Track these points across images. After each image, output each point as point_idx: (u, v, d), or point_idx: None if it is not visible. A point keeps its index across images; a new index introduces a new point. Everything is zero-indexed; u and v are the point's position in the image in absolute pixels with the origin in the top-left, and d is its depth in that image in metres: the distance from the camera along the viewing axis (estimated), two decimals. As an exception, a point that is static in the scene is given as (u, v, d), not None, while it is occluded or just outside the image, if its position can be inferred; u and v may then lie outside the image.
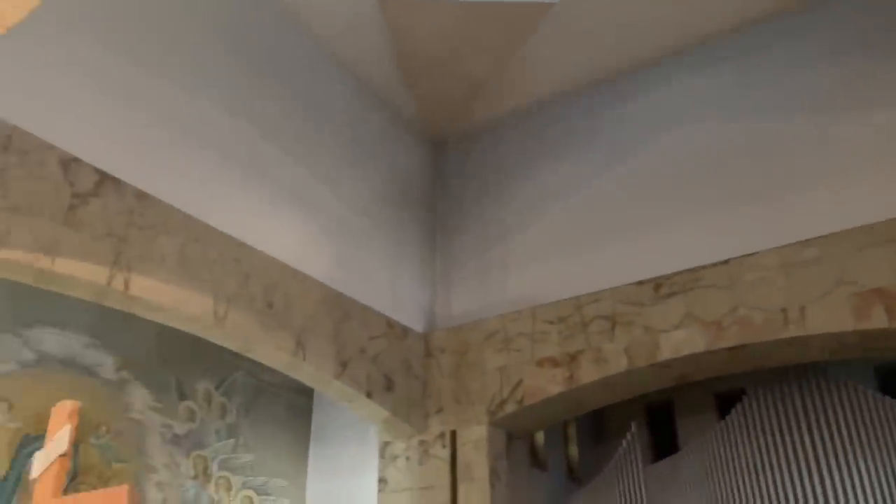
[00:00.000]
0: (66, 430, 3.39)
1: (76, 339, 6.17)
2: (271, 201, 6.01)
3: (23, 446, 5.63)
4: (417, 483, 6.63)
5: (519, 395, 6.43)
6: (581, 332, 6.31)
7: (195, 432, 6.91)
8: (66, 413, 3.51)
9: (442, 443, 6.67)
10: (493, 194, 7.65)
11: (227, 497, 7.01)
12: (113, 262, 4.65)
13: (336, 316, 6.27)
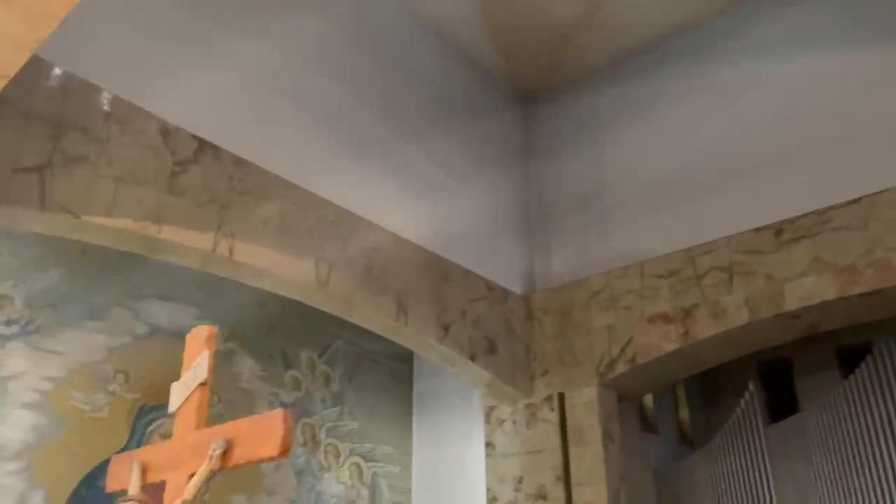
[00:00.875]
0: (205, 356, 3.24)
1: (184, 312, 6.27)
2: (366, 165, 5.90)
3: (140, 417, 5.77)
4: (526, 447, 6.47)
5: (630, 354, 6.14)
6: (695, 285, 5.93)
7: (301, 401, 6.96)
8: (203, 339, 3.35)
9: (549, 406, 6.47)
10: (589, 148, 7.31)
11: (335, 464, 7.05)
12: (217, 228, 4.64)
13: (435, 279, 6.13)
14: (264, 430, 2.76)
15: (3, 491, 4.89)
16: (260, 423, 2.83)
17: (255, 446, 2.75)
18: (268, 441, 2.71)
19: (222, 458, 2.80)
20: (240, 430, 2.86)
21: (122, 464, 3.35)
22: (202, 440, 2.92)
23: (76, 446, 5.33)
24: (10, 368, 5.13)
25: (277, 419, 2.74)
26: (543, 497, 6.20)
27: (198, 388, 3.15)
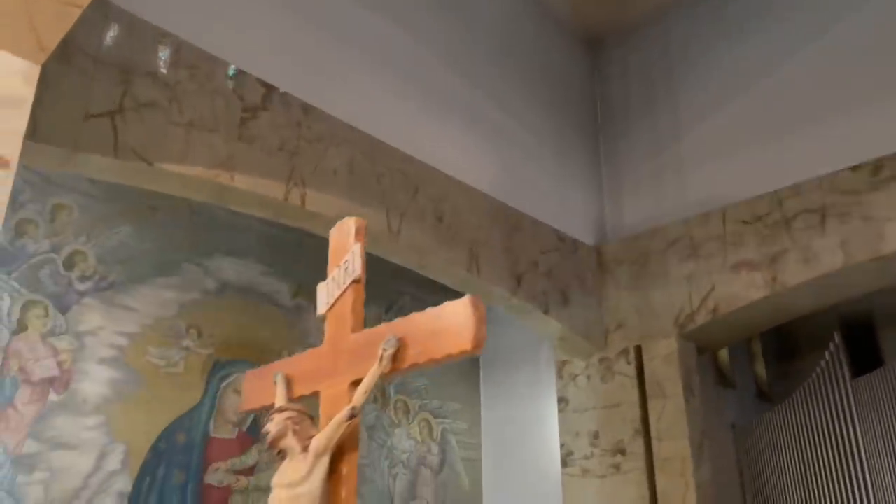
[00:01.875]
0: (357, 250, 2.89)
1: (253, 268, 6.21)
2: (433, 112, 5.68)
3: (214, 372, 5.76)
4: (602, 402, 6.27)
5: (711, 305, 5.86)
6: (783, 229, 5.60)
7: (369, 358, 6.87)
8: (352, 232, 2.99)
9: (626, 359, 6.25)
10: (661, 90, 6.95)
11: (405, 420, 6.98)
12: (287, 176, 4.50)
13: (505, 229, 5.92)
14: (449, 322, 2.45)
15: (85, 445, 4.93)
16: (443, 315, 2.49)
17: (439, 341, 2.45)
18: (456, 334, 2.41)
19: (395, 359, 2.54)
20: (415, 325, 2.55)
21: (257, 380, 3.14)
22: (366, 341, 2.65)
23: (153, 401, 5.34)
24: (86, 324, 5.13)
25: (466, 307, 2.40)
26: (622, 452, 6.02)
27: (351, 287, 2.86)
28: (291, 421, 2.64)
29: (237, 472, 5.65)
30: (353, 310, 2.84)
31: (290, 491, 2.48)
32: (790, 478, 6.85)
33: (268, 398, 2.93)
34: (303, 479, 2.48)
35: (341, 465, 2.57)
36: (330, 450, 2.53)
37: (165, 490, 5.23)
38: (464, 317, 2.42)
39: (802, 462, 6.81)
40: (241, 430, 5.79)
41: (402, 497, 6.70)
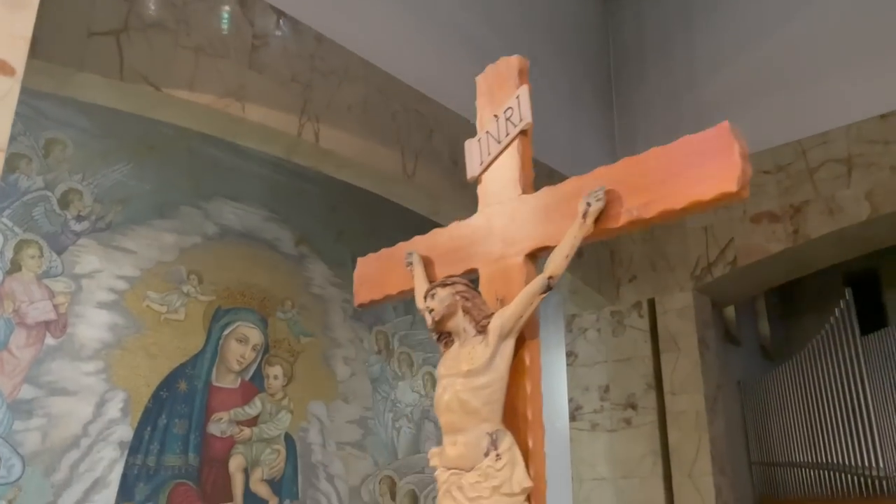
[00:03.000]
0: (523, 93, 2.48)
1: (254, 213, 5.95)
2: (448, 52, 5.41)
3: (216, 319, 5.53)
4: (613, 355, 6.15)
5: (730, 257, 5.71)
6: (807, 179, 5.44)
7: (374, 309, 6.67)
8: (513, 71, 2.57)
9: (639, 312, 6.11)
10: (677, 36, 6.70)
11: (409, 373, 6.82)
12: (301, 110, 4.24)
13: (521, 176, 5.70)
14: (694, 160, 1.87)
15: (84, 391, 4.70)
16: (680, 153, 1.91)
17: (678, 185, 1.90)
18: (710, 174, 1.84)
19: (602, 217, 2.04)
20: (631, 172, 2.02)
21: (376, 263, 2.71)
22: (548, 202, 2.22)
23: (154, 348, 5.12)
24: (83, 266, 4.87)
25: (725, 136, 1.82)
26: (633, 406, 5.92)
27: (518, 138, 2.43)
28: (461, 296, 2.21)
29: (240, 422, 5.47)
30: (523, 166, 2.41)
31: (469, 381, 2.10)
32: (797, 433, 6.81)
33: (393, 284, 2.56)
34: (485, 366, 2.09)
35: (523, 353, 2.19)
36: (517, 331, 2.15)
37: (167, 439, 5.04)
38: (722, 148, 1.84)
39: (809, 418, 6.76)
40: (243, 379, 5.59)
41: (405, 450, 6.57)
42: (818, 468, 6.62)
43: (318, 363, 6.11)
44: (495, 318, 2.15)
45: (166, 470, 4.98)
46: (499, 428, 2.09)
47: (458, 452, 2.09)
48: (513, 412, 2.13)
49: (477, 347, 2.14)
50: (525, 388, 2.16)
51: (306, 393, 5.94)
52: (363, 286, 2.77)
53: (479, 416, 2.08)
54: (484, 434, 2.07)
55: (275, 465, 5.58)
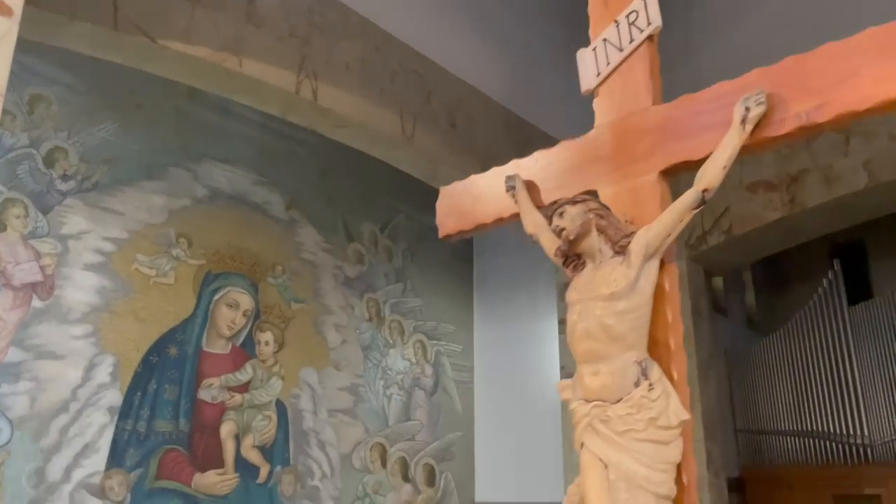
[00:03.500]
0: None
1: (244, 176, 5.81)
2: (448, 13, 5.28)
3: (206, 284, 5.42)
4: (605, 323, 6.13)
5: (725, 225, 5.70)
6: (804, 148, 5.42)
7: (365, 275, 6.61)
8: None
9: (632, 281, 6.08)
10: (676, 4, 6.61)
11: (400, 341, 6.77)
12: (299, 66, 4.11)
13: (517, 141, 5.63)
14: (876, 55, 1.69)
15: (72, 355, 4.59)
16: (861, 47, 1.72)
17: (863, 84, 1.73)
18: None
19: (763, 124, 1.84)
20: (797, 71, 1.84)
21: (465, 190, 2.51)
22: (687, 111, 2.01)
23: (143, 312, 5.00)
24: (70, 227, 4.72)
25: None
26: (625, 374, 5.92)
27: (644, 44, 2.23)
28: (595, 213, 2.05)
29: (231, 388, 5.39)
30: (652, 75, 2.21)
31: (612, 305, 1.94)
32: (782, 402, 6.90)
33: (488, 212, 2.36)
34: (628, 289, 1.93)
35: (662, 278, 2.01)
36: (663, 251, 1.97)
37: (157, 405, 4.95)
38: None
39: (795, 387, 6.84)
40: (234, 345, 5.50)
41: (396, 418, 6.55)
42: (803, 436, 6.71)
43: (309, 330, 6.03)
44: (639, 236, 1.98)
45: (157, 435, 4.90)
46: (646, 356, 1.95)
47: (601, 383, 1.95)
48: (653, 341, 1.98)
49: (617, 269, 1.98)
50: (665, 315, 2.00)
51: (297, 360, 5.87)
52: (450, 216, 2.62)
53: (624, 342, 1.93)
54: (631, 362, 1.93)
55: (266, 432, 5.52)
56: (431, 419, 6.88)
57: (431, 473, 6.74)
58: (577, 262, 2.13)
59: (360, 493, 6.08)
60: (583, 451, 1.98)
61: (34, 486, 4.29)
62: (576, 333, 2.03)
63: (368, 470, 6.20)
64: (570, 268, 2.16)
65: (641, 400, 1.88)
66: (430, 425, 6.86)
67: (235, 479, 5.24)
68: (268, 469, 5.46)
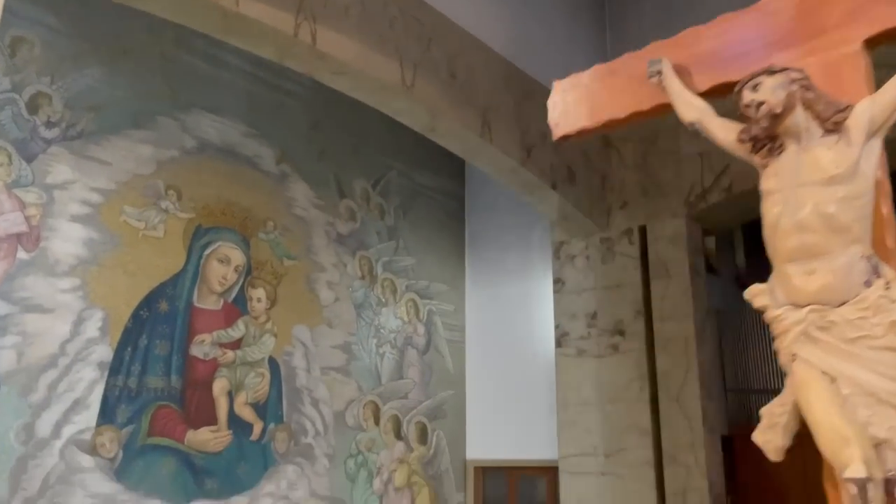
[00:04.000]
0: None
1: (234, 128, 5.62)
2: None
3: (196, 238, 5.27)
4: (601, 282, 6.09)
5: (725, 183, 5.64)
6: (808, 105, 5.34)
7: (357, 233, 6.48)
8: None
9: (629, 239, 6.04)
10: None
11: (393, 299, 6.68)
12: (297, 8, 3.92)
13: (517, 94, 5.49)
14: None
15: (60, 309, 4.44)
16: None
17: None
18: None
19: None
20: None
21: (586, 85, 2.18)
22: None
23: (132, 266, 4.85)
24: (55, 176, 4.54)
25: None
26: (620, 332, 5.90)
27: None
28: (800, 86, 1.79)
29: (223, 345, 5.28)
30: None
31: (831, 191, 1.68)
32: (774, 363, 6.92)
33: (620, 105, 2.03)
34: (850, 172, 1.68)
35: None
36: (887, 129, 1.74)
37: (149, 361, 4.83)
38: None
39: (786, 347, 6.86)
40: (226, 301, 5.37)
41: (389, 376, 6.49)
42: (793, 395, 6.75)
43: (301, 287, 5.91)
44: (861, 109, 1.73)
45: (148, 392, 4.79)
46: (873, 252, 1.68)
47: (820, 283, 1.70)
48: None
49: (834, 149, 1.73)
50: (880, 209, 1.75)
51: (290, 317, 5.76)
52: (568, 114, 2.28)
53: (849, 234, 1.68)
54: (857, 258, 1.67)
55: (259, 389, 5.43)
56: (424, 378, 6.83)
57: (423, 431, 6.71)
58: (771, 145, 1.86)
59: (354, 451, 6.04)
60: (796, 363, 1.73)
61: (23, 443, 4.18)
62: (780, 228, 1.78)
63: (362, 427, 6.15)
64: (759, 153, 1.88)
65: (879, 301, 1.63)
66: (423, 384, 6.81)
67: (229, 437, 5.16)
68: (261, 426, 5.38)
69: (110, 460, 4.52)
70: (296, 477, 5.54)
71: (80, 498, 4.35)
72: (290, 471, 5.51)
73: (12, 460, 4.11)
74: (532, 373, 6.91)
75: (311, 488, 5.63)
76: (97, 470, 4.44)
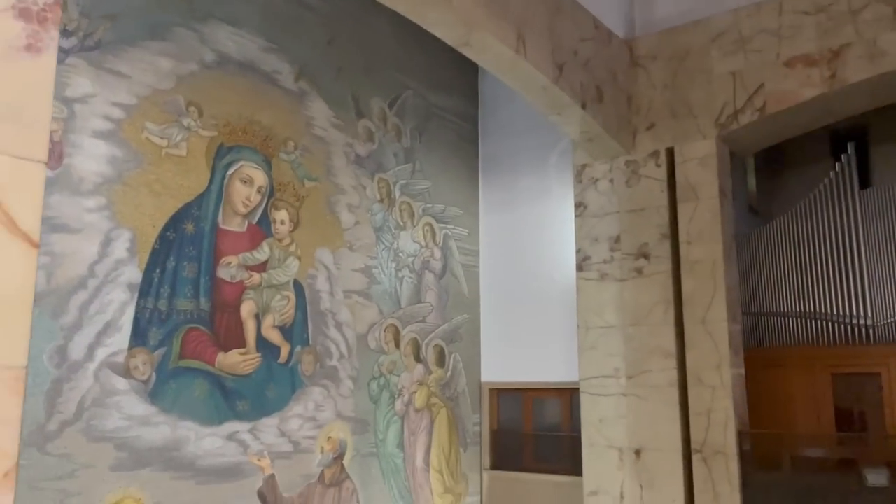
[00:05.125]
0: None
1: (252, 42, 5.35)
2: None
3: (219, 157, 5.07)
4: (626, 206, 6.01)
5: (758, 103, 5.52)
6: (848, 21, 5.19)
7: (375, 154, 6.30)
8: None
9: (656, 161, 5.94)
10: None
11: (410, 223, 6.57)
12: None
13: (550, 7, 5.26)
14: None
15: (87, 229, 4.27)
16: None
17: None
18: None
19: None
20: None
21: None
22: None
23: (157, 185, 4.67)
24: (75, 89, 4.29)
25: None
26: (645, 256, 5.86)
27: None
28: None
29: (249, 267, 5.16)
30: None
31: None
32: (786, 286, 6.98)
33: None
34: None
35: None
36: None
37: (177, 283, 4.71)
38: None
39: (801, 270, 6.90)
40: (250, 223, 5.23)
41: (408, 300, 6.44)
42: (805, 318, 6.83)
43: (322, 209, 5.77)
44: None
45: (178, 314, 4.69)
46: None
47: None
48: None
49: None
50: None
51: (313, 240, 5.64)
52: None
53: None
54: None
55: (285, 312, 5.35)
56: (441, 302, 6.80)
57: (441, 354, 6.73)
58: None
59: (376, 373, 6.04)
60: None
61: (56, 366, 4.08)
62: None
63: (383, 350, 6.13)
64: None
65: None
66: (440, 308, 6.79)
67: (257, 359, 5.11)
68: (288, 349, 5.33)
69: (144, 382, 4.45)
70: (322, 398, 5.53)
71: (116, 420, 4.29)
72: (317, 392, 5.50)
73: (47, 383, 4.02)
74: (547, 297, 6.91)
75: (336, 409, 5.64)
76: (131, 392, 4.38)
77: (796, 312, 6.94)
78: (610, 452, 5.78)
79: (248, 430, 4.96)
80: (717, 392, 5.42)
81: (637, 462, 5.63)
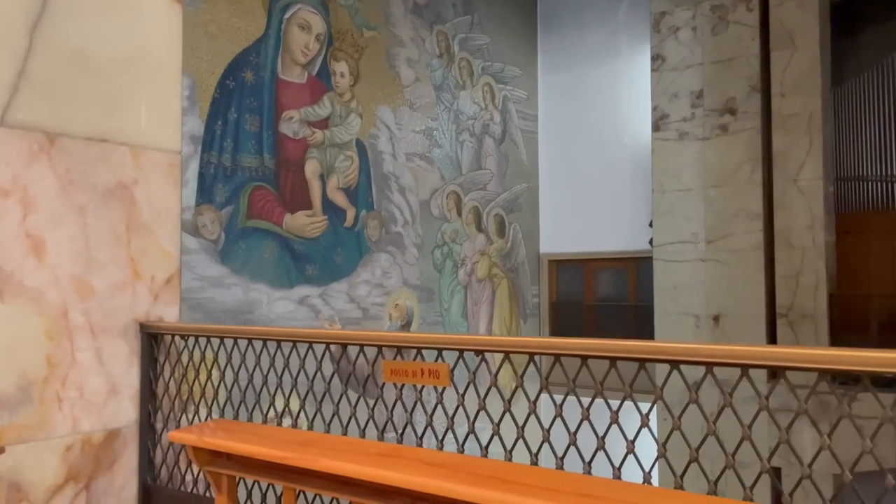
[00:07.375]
0: None
1: None
2: None
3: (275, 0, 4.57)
4: (710, 57, 5.50)
5: (872, -67, 4.91)
6: None
7: (433, 3, 5.75)
8: None
9: (747, 5, 5.37)
10: None
11: (469, 82, 6.10)
12: None
13: None
14: None
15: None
16: None
17: None
18: None
19: None
20: None
21: None
22: None
23: (212, 26, 4.21)
24: None
25: None
26: (731, 111, 5.41)
27: None
28: None
29: (311, 123, 4.76)
30: None
31: None
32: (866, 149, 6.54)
33: None
34: None
35: None
36: None
37: (240, 136, 4.33)
38: None
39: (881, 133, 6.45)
40: (310, 74, 4.78)
41: (469, 166, 6.07)
42: (886, 181, 6.44)
43: (382, 64, 5.30)
44: None
45: (243, 171, 4.34)
46: None
47: None
48: None
49: None
50: None
51: (373, 96, 5.21)
52: None
53: None
54: None
55: (349, 174, 5.00)
56: (500, 169, 6.42)
57: (501, 224, 6.42)
58: None
59: (440, 241, 5.75)
60: None
61: (122, 222, 3.76)
62: None
63: (446, 218, 5.82)
64: None
65: None
66: (500, 175, 6.42)
67: (324, 222, 4.80)
68: (353, 212, 5.02)
69: (213, 242, 4.16)
70: (389, 265, 5.27)
71: (189, 280, 4.03)
72: (384, 259, 5.23)
73: (114, 240, 3.72)
74: (613, 162, 6.52)
75: (403, 277, 5.39)
76: (202, 251, 4.10)
77: (876, 176, 6.53)
78: (685, 319, 5.54)
79: (318, 295, 4.73)
80: (808, 254, 5.11)
81: (715, 328, 5.41)
